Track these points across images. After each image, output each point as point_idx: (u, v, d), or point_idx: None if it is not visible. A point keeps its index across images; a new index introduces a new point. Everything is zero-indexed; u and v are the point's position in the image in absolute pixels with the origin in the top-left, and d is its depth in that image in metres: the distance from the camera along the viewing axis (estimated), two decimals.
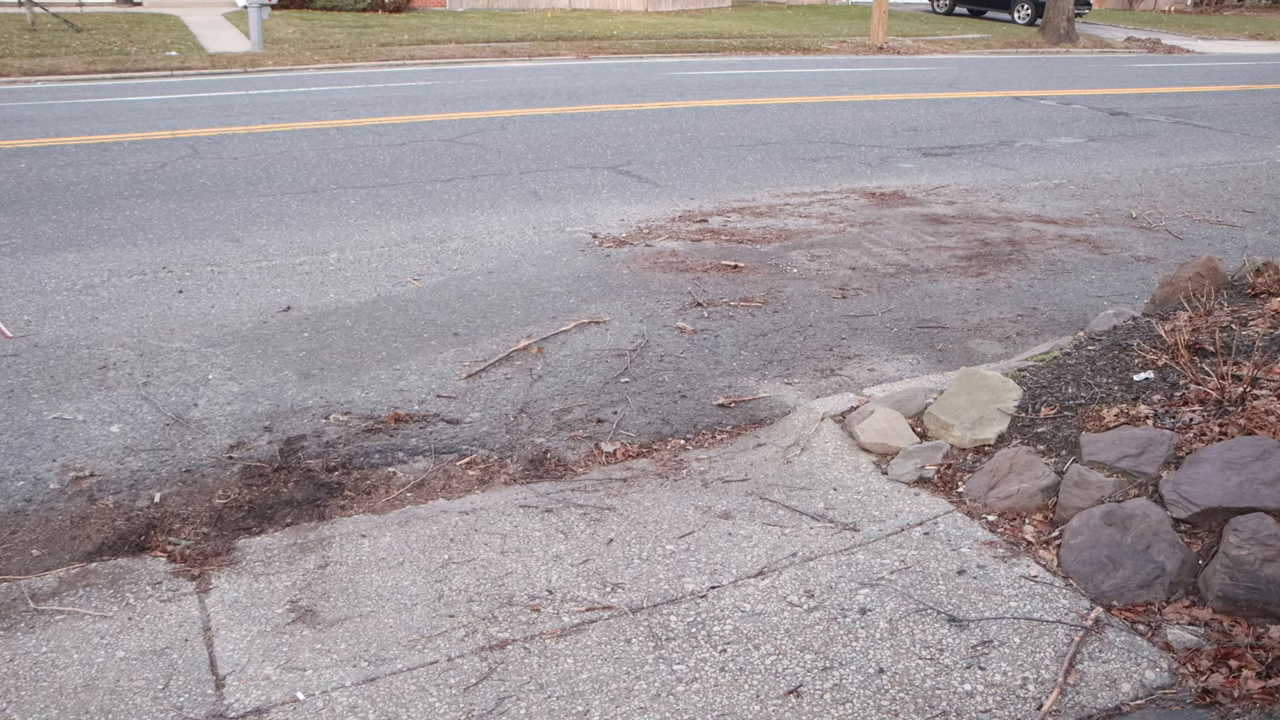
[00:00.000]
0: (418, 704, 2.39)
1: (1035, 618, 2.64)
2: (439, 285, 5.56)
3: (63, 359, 4.49)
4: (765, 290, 5.56)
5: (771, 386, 4.36)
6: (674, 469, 3.62)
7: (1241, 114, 12.85)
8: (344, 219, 6.85)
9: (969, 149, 9.84)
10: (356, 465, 3.65)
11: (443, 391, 4.26)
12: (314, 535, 3.16)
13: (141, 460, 3.65)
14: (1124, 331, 4.18)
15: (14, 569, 2.97)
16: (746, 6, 33.13)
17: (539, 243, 6.38)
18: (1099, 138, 10.68)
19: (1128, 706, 2.33)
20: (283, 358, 4.57)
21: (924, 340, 4.93)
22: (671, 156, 9.11)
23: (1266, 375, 3.38)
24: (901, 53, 21.00)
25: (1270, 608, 2.56)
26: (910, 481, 3.39)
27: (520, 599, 2.79)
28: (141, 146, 9.08)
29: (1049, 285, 5.77)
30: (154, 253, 6.04)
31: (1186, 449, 3.04)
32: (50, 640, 2.63)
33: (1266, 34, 30.93)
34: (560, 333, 4.91)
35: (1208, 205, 7.75)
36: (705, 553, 3.01)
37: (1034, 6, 28.87)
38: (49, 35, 17.54)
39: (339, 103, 11.93)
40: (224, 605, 2.78)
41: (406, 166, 8.46)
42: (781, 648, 2.56)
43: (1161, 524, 2.80)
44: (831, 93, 13.75)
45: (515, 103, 12.12)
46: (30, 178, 7.81)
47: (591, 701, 2.39)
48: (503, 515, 3.26)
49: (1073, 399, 3.59)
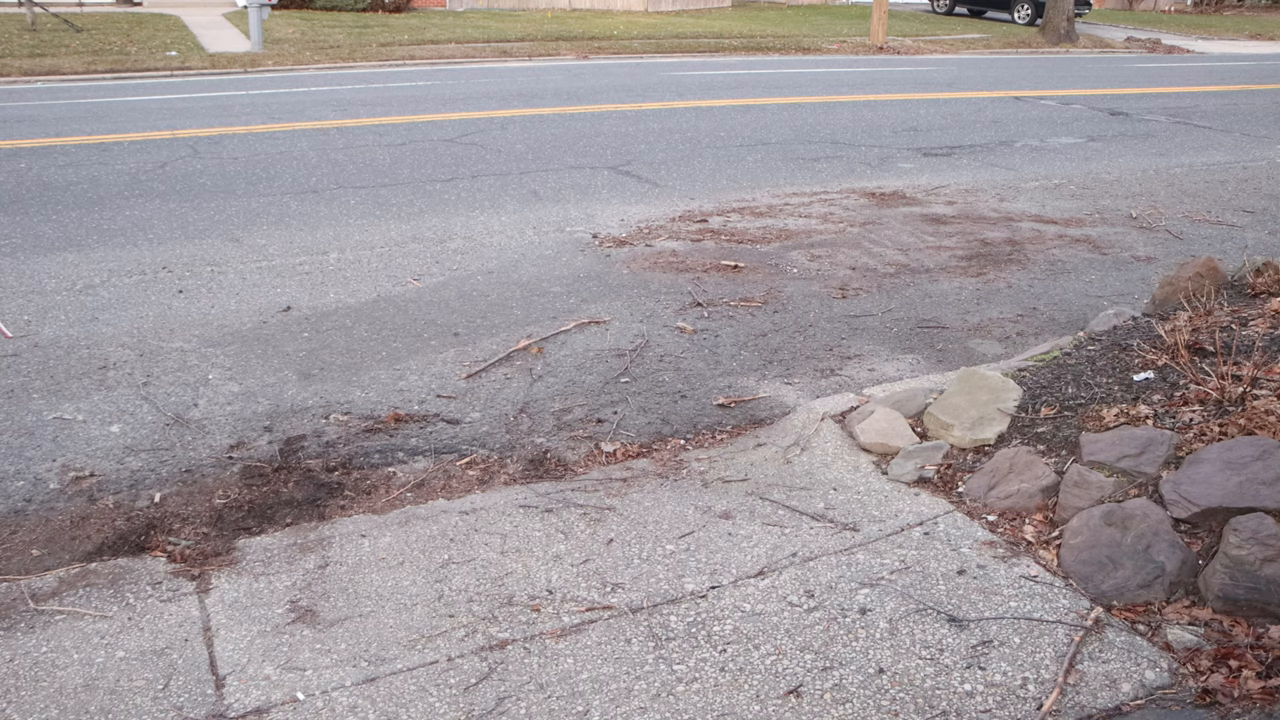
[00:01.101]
0: (418, 704, 2.39)
1: (1035, 618, 2.64)
2: (439, 285, 5.56)
3: (63, 359, 4.49)
4: (765, 290, 5.56)
5: (771, 386, 4.36)
6: (674, 469, 3.62)
7: (1241, 114, 12.85)
8: (344, 219, 6.85)
9: (969, 149, 9.84)
10: (356, 465, 3.65)
11: (443, 391, 4.27)
12: (314, 535, 3.16)
13: (141, 460, 3.65)
14: (1124, 331, 4.18)
15: (14, 569, 2.97)
16: (746, 6, 33.13)
17: (539, 243, 6.38)
18: (1099, 138, 10.68)
19: (1128, 706, 2.33)
20: (283, 358, 4.57)
21: (924, 340, 4.93)
22: (671, 156, 9.11)
23: (1266, 375, 3.38)
24: (901, 53, 21.00)
25: (1270, 608, 2.56)
26: (910, 481, 3.39)
27: (520, 599, 2.79)
28: (141, 146, 9.08)
29: (1049, 285, 5.77)
30: (154, 253, 6.04)
31: (1186, 449, 3.04)
32: (50, 640, 2.63)
33: (1266, 34, 30.93)
34: (560, 333, 4.91)
35: (1208, 205, 7.75)
36: (705, 553, 3.01)
37: (1034, 6, 28.88)
38: (49, 35, 17.53)
39: (339, 103, 11.94)
40: (224, 605, 2.78)
41: (406, 166, 8.46)
42: (781, 648, 2.56)
43: (1161, 524, 2.80)
44: (831, 93, 13.75)
45: (515, 103, 12.12)
46: (30, 178, 7.81)
47: (591, 701, 2.39)
48: (503, 515, 3.26)
49: (1073, 399, 3.59)
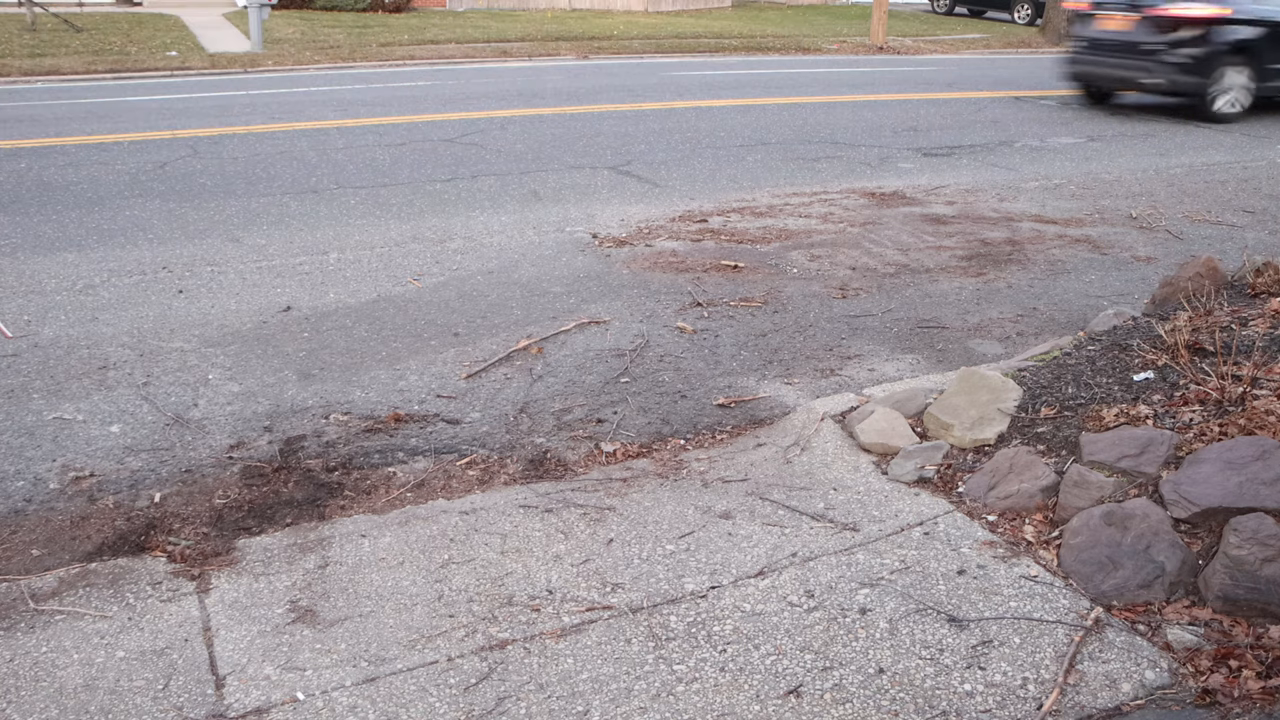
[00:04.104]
0: (418, 704, 2.39)
1: (1035, 618, 2.64)
2: (439, 285, 5.56)
3: (63, 359, 4.49)
4: (765, 290, 5.56)
5: (771, 386, 4.36)
6: (674, 469, 3.62)
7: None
8: (344, 219, 6.85)
9: (969, 149, 9.84)
10: (356, 465, 3.65)
11: (443, 391, 4.27)
12: (314, 535, 3.16)
13: (141, 460, 3.65)
14: (1124, 331, 4.18)
15: (14, 569, 2.97)
16: (746, 6, 33.13)
17: (539, 243, 6.38)
18: (1099, 138, 10.68)
19: (1128, 706, 2.33)
20: (283, 358, 4.57)
21: (924, 340, 4.93)
22: (671, 156, 9.11)
23: (1266, 375, 3.38)
24: (901, 53, 21.00)
25: (1270, 608, 2.56)
26: (910, 481, 3.39)
27: (520, 599, 2.79)
28: (141, 146, 9.08)
29: (1049, 285, 5.77)
30: (154, 253, 6.04)
31: (1186, 449, 3.04)
32: (50, 640, 2.63)
33: None
34: (560, 333, 4.91)
35: (1208, 205, 7.75)
36: (705, 553, 3.01)
37: (1034, 6, 28.87)
38: (49, 35, 17.53)
39: (339, 103, 11.93)
40: (224, 605, 2.78)
41: (406, 166, 8.46)
42: (781, 648, 2.56)
43: (1161, 524, 2.80)
44: (831, 93, 13.74)
45: (515, 103, 12.12)
46: (30, 178, 7.81)
47: (591, 701, 2.39)
48: (503, 515, 3.26)
49: (1073, 399, 3.59)
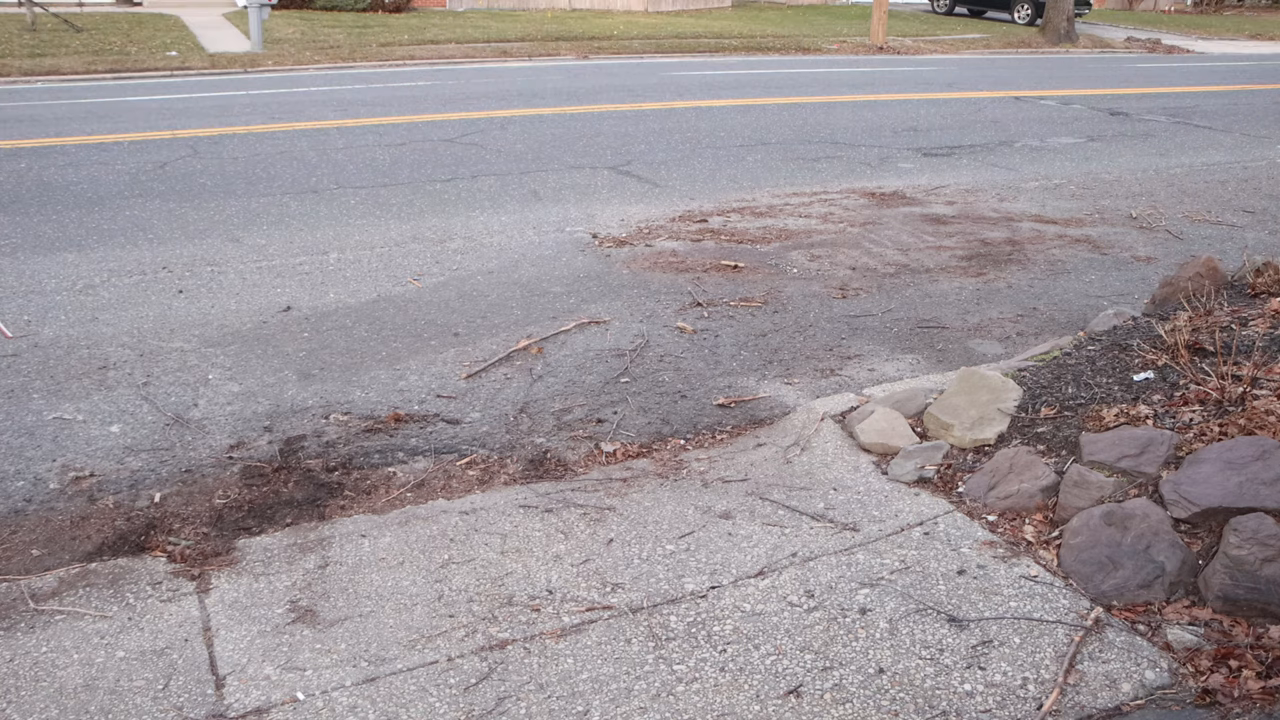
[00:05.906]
0: (418, 704, 2.39)
1: (1035, 618, 2.64)
2: (439, 285, 5.56)
3: (63, 359, 4.49)
4: (765, 290, 5.56)
5: (771, 386, 4.36)
6: (674, 469, 3.62)
7: (1241, 114, 12.85)
8: (344, 219, 6.85)
9: (969, 149, 9.84)
10: (356, 465, 3.65)
11: (443, 391, 4.26)
12: (314, 535, 3.16)
13: (141, 460, 3.65)
14: (1124, 331, 4.18)
15: (14, 569, 2.97)
16: (746, 6, 33.12)
17: (539, 243, 6.38)
18: (1099, 138, 10.68)
19: (1128, 706, 2.33)
20: (283, 358, 4.57)
21: (924, 340, 4.93)
22: (671, 156, 9.11)
23: (1266, 375, 3.38)
24: (901, 53, 21.00)
25: (1270, 608, 2.56)
26: (910, 481, 3.39)
27: (520, 599, 2.79)
28: (141, 146, 9.08)
29: (1049, 285, 5.77)
30: (154, 253, 6.04)
31: (1186, 449, 3.04)
32: (50, 640, 2.63)
33: (1266, 34, 30.93)
34: (560, 333, 4.91)
35: (1208, 205, 7.75)
36: (705, 553, 3.01)
37: (1034, 6, 28.87)
38: (49, 35, 17.53)
39: (339, 103, 11.93)
40: (224, 605, 2.78)
41: (406, 166, 8.46)
42: (781, 648, 2.56)
43: (1161, 524, 2.80)
44: (831, 93, 13.74)
45: (515, 103, 12.12)
46: (30, 178, 7.81)
47: (591, 701, 2.39)
48: (503, 515, 3.26)
49: (1073, 399, 3.59)
